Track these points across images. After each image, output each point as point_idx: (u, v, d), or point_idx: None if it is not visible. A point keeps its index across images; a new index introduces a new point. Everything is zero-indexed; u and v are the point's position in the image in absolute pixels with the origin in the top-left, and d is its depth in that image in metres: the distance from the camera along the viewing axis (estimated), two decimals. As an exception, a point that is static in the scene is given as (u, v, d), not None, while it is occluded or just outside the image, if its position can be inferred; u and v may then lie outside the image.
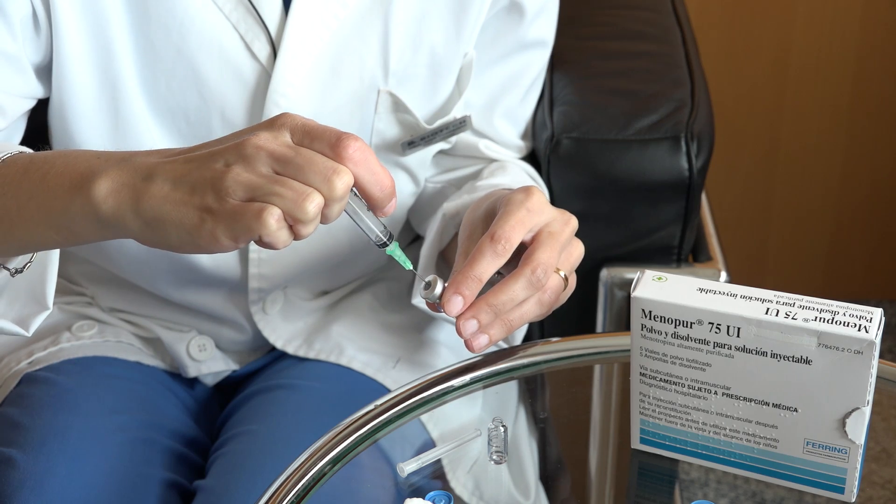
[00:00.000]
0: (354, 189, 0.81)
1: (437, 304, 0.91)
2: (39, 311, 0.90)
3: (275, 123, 0.78)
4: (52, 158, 0.83)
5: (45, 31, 1.00)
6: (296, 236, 0.77)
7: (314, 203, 0.76)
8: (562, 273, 0.93)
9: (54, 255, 0.90)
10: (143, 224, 0.77)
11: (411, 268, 0.89)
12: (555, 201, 1.21)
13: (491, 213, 0.96)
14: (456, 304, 0.90)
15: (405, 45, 1.06)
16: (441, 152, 1.15)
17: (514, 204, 0.93)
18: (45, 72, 1.03)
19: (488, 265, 0.91)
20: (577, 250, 0.96)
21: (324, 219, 0.78)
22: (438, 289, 0.89)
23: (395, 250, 0.86)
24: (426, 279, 0.90)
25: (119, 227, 0.79)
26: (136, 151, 0.81)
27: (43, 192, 0.81)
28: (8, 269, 0.87)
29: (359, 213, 0.83)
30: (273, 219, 0.75)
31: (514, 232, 0.91)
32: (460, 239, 0.98)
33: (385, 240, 0.85)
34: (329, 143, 0.77)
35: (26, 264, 0.88)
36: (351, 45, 1.04)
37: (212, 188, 0.75)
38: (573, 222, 0.95)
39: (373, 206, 0.81)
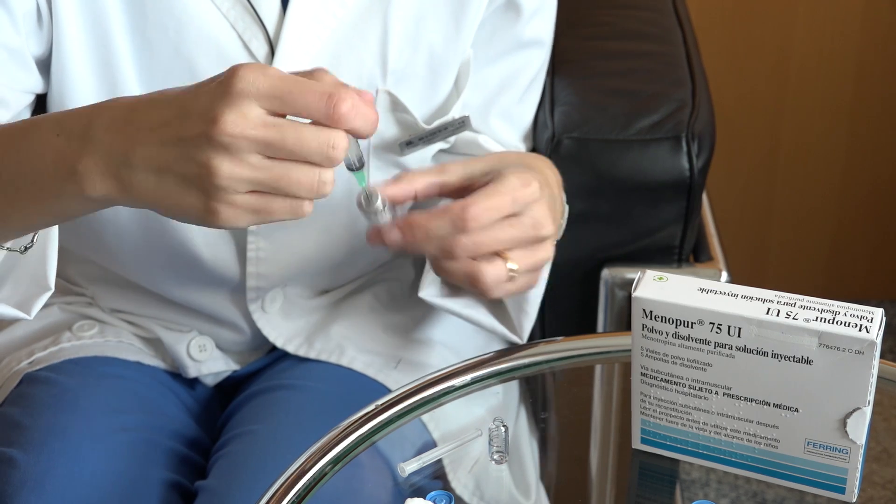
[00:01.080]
0: None
1: (368, 215, 0.91)
2: (41, 293, 0.90)
3: (233, 91, 0.75)
4: (16, 141, 0.83)
5: (46, 25, 1.00)
6: None
7: (328, 184, 0.78)
8: (511, 264, 0.94)
9: (53, 237, 0.90)
10: (143, 205, 0.79)
11: (364, 185, 0.89)
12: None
13: (484, 175, 0.97)
14: (394, 236, 0.93)
15: (404, 45, 1.06)
16: (441, 150, 1.15)
17: (507, 186, 0.94)
18: (44, 65, 1.02)
19: (442, 231, 0.91)
20: (542, 252, 0.97)
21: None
22: (378, 204, 0.90)
23: (360, 175, 0.87)
24: (368, 191, 0.91)
25: (117, 204, 0.80)
26: (90, 118, 0.79)
27: (29, 184, 0.82)
28: (11, 249, 0.88)
29: None
30: (307, 208, 0.78)
31: (485, 215, 0.92)
32: (450, 162, 0.99)
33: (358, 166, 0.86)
34: (318, 109, 0.76)
35: (29, 244, 0.89)
36: (350, 44, 1.04)
37: (205, 185, 0.75)
38: (546, 231, 0.96)
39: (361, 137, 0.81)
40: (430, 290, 1.05)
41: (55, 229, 0.91)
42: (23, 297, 0.90)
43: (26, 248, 0.89)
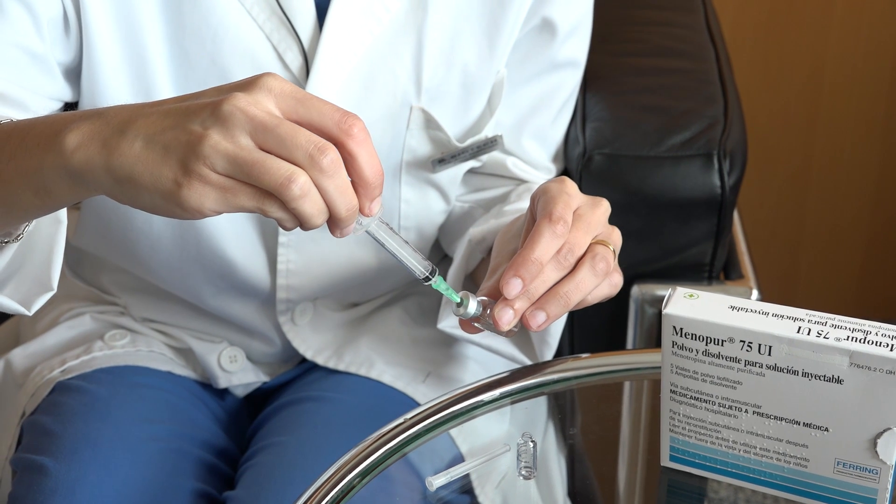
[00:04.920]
0: (387, 223, 0.80)
1: (470, 321, 0.90)
2: (42, 293, 0.90)
3: (257, 84, 0.74)
4: (36, 121, 0.81)
5: (74, 33, 1.00)
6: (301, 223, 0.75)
7: (296, 185, 0.72)
8: (611, 247, 0.92)
9: (60, 239, 0.89)
10: (114, 182, 0.75)
11: (459, 300, 0.87)
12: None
13: (523, 226, 0.96)
14: (515, 287, 0.88)
15: (438, 62, 1.06)
16: (470, 171, 1.15)
17: (554, 191, 0.92)
18: (73, 74, 1.02)
19: (548, 246, 0.89)
20: (616, 231, 0.94)
21: (333, 225, 0.76)
22: (472, 305, 0.89)
23: (440, 284, 0.85)
24: (463, 296, 0.89)
25: (90, 182, 0.76)
26: (118, 106, 0.78)
27: (21, 153, 0.79)
28: (4, 242, 0.87)
29: (399, 250, 0.81)
30: (273, 212, 0.74)
31: (566, 212, 0.89)
32: (492, 255, 0.98)
33: (427, 274, 0.83)
34: (332, 119, 0.74)
35: (21, 233, 0.87)
36: (384, 60, 1.05)
37: (187, 153, 0.72)
38: (604, 205, 0.93)
39: (364, 192, 0.76)
40: (448, 321, 1.05)
41: (62, 233, 0.89)
42: (25, 295, 0.90)
43: (7, 242, 0.86)
